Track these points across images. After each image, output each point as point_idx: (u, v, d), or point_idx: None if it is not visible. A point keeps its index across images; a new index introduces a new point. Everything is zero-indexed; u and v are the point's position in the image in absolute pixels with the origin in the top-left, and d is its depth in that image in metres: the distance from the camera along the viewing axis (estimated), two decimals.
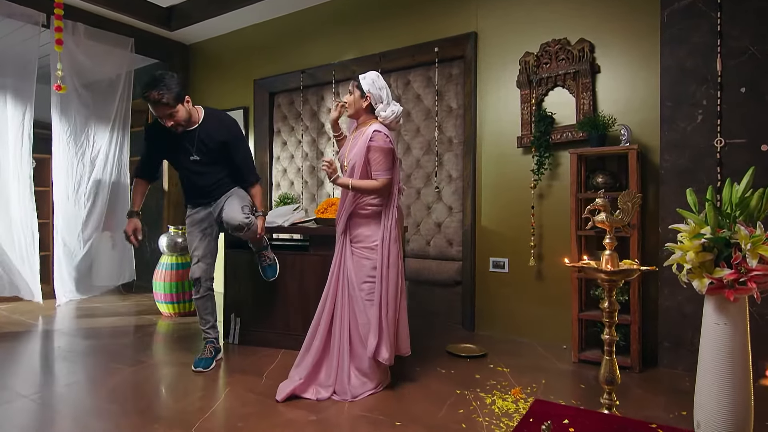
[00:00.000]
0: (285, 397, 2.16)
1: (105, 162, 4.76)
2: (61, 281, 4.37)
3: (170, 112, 2.38)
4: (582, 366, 2.70)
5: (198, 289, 2.68)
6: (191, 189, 2.72)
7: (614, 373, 1.43)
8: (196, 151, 2.55)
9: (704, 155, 2.56)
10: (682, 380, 2.49)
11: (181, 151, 2.58)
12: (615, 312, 1.44)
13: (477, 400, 2.19)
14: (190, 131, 2.56)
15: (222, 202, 2.68)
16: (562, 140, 3.03)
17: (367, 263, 2.34)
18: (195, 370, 2.52)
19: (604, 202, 1.45)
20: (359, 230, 2.38)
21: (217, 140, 2.58)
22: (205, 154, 2.58)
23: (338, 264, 2.40)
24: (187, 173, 2.66)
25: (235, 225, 2.55)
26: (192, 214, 2.75)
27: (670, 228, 1.87)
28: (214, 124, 2.61)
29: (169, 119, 2.41)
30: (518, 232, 3.24)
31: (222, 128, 2.62)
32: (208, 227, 2.73)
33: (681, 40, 2.62)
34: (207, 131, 2.57)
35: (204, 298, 2.70)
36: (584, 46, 2.96)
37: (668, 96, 2.66)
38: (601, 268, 1.39)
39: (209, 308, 2.72)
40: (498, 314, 3.35)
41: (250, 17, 4.48)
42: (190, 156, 2.56)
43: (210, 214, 2.73)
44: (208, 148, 2.58)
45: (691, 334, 2.58)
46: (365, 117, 2.45)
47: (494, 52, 3.35)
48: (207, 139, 2.57)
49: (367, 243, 2.35)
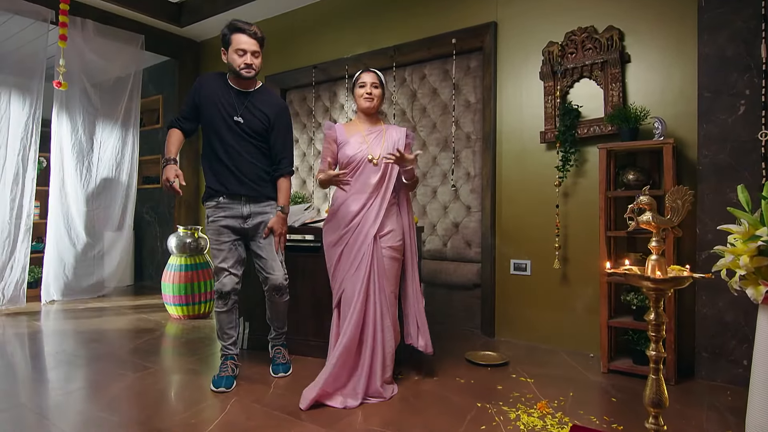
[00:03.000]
0: (309, 405, 2.06)
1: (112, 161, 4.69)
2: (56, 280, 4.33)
3: (257, 51, 2.37)
4: (612, 377, 2.52)
5: (226, 302, 2.42)
6: (220, 167, 2.39)
7: (662, 395, 1.26)
8: (242, 113, 2.39)
9: (747, 150, 2.36)
10: (722, 394, 2.29)
11: (226, 109, 2.38)
12: (663, 325, 1.26)
13: (500, 415, 2.03)
14: (243, 93, 2.43)
15: (257, 217, 2.42)
16: (589, 135, 2.84)
17: (397, 265, 2.39)
18: (216, 391, 2.28)
19: (649, 200, 1.27)
20: (388, 229, 2.38)
21: (266, 112, 2.43)
22: (250, 121, 2.40)
23: (371, 268, 2.29)
24: (222, 142, 2.39)
25: (276, 285, 2.44)
26: (216, 219, 2.40)
27: (719, 229, 1.69)
28: (268, 96, 2.50)
29: (253, 58, 2.35)
30: (542, 232, 3.05)
31: (274, 103, 2.48)
32: (237, 239, 2.44)
33: (721, 24, 2.42)
34: (260, 99, 2.45)
35: (230, 311, 2.46)
36: (613, 34, 2.77)
37: (707, 86, 2.46)
38: (648, 276, 1.21)
39: (233, 322, 2.48)
40: (520, 319, 3.17)
41: (261, 12, 4.37)
42: (235, 116, 2.38)
43: (239, 223, 2.41)
44: (254, 116, 2.41)
45: (733, 345, 2.38)
46: (377, 115, 2.55)
47: (515, 43, 3.17)
48: (257, 106, 2.42)
49: (393, 242, 2.37)
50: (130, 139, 4.80)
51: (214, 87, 2.41)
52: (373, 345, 2.23)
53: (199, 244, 3.86)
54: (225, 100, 2.39)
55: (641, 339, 2.51)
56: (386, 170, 2.40)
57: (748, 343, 2.34)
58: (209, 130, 2.42)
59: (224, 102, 2.39)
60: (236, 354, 2.49)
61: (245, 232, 2.44)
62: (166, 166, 2.32)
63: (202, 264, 3.85)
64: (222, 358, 2.46)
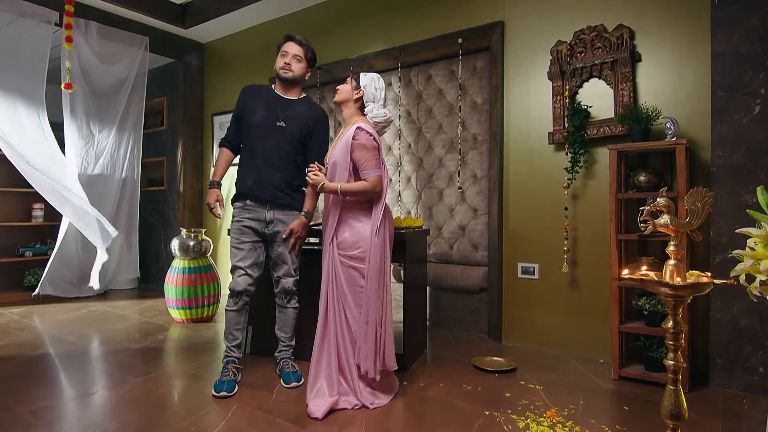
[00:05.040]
0: (325, 413, 2.01)
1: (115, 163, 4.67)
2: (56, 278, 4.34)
3: (299, 56, 2.47)
4: (623, 383, 2.45)
5: (237, 302, 2.43)
6: (253, 172, 2.43)
7: (681, 407, 1.19)
8: (284, 118, 2.45)
9: (763, 150, 2.29)
10: (737, 402, 2.22)
11: (270, 114, 2.45)
12: (681, 333, 1.20)
13: (508, 424, 1.97)
14: (285, 99, 2.50)
15: (278, 225, 2.44)
16: (598, 135, 2.78)
17: (355, 273, 2.19)
18: (217, 395, 2.24)
19: (667, 203, 1.21)
20: (344, 236, 2.22)
21: (305, 119, 2.48)
22: (292, 127, 2.45)
23: (329, 274, 2.23)
24: (261, 146, 2.43)
25: (287, 288, 2.50)
26: (240, 220, 2.45)
27: (737, 232, 1.62)
28: (310, 105, 2.57)
29: (293, 60, 2.45)
30: (550, 235, 2.99)
31: (314, 112, 2.54)
32: (258, 241, 2.47)
33: (735, 22, 2.35)
34: (303, 107, 2.52)
35: (240, 312, 2.45)
36: (623, 33, 2.71)
37: (720, 85, 2.40)
38: (667, 282, 1.15)
39: (241, 323, 2.46)
40: (527, 324, 3.10)
41: (265, 13, 4.33)
42: (277, 121, 2.44)
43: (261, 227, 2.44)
44: (295, 122, 2.46)
45: (749, 351, 2.31)
46: (351, 112, 2.33)
47: (523, 42, 3.12)
48: (297, 113, 2.48)
49: (354, 251, 2.19)
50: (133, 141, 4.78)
51: (258, 94, 2.53)
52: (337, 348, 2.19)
53: (202, 246, 3.82)
54: (269, 105, 2.48)
55: (653, 345, 2.44)
56: (332, 174, 2.27)
57: (764, 349, 2.27)
58: (250, 134, 2.48)
59: (269, 107, 2.47)
60: (238, 358, 2.46)
61: (266, 237, 2.48)
62: (210, 189, 2.53)
63: (206, 267, 3.81)
64: (224, 362, 2.43)
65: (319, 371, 2.17)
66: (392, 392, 2.25)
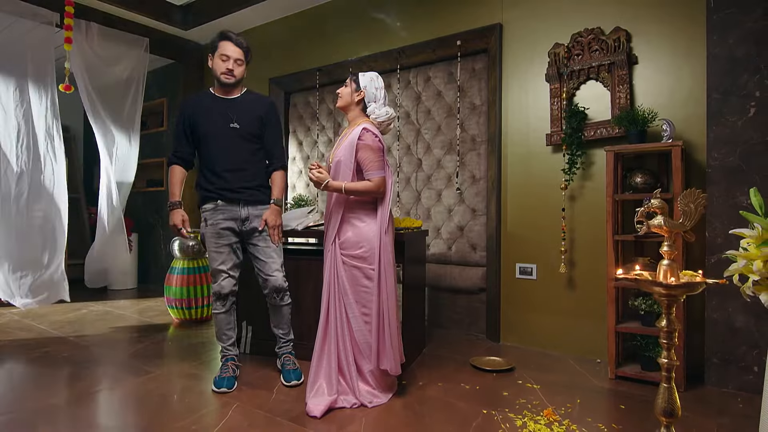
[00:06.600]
0: (323, 412, 2.03)
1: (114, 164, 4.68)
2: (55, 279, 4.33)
3: (240, 60, 2.41)
4: (619, 383, 2.47)
5: (224, 304, 2.45)
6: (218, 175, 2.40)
7: (674, 404, 1.22)
8: (236, 119, 2.42)
9: (757, 152, 2.32)
10: (733, 401, 2.24)
11: (220, 120, 2.42)
12: (675, 332, 1.22)
13: (506, 422, 1.99)
14: (230, 100, 2.46)
15: (254, 220, 2.42)
16: (595, 137, 2.80)
17: (358, 273, 2.21)
18: (218, 391, 2.29)
19: (661, 204, 1.24)
20: (347, 236, 2.23)
21: (255, 113, 2.46)
22: (245, 124, 2.43)
23: (331, 274, 2.24)
24: (220, 150, 2.41)
25: (276, 286, 2.43)
26: (216, 222, 2.41)
27: (731, 233, 1.65)
28: (254, 97, 2.54)
29: (235, 65, 2.40)
30: (548, 236, 3.02)
31: (262, 104, 2.52)
32: (236, 242, 2.47)
33: (731, 25, 2.38)
34: (247, 102, 2.49)
35: (228, 312, 2.48)
36: (620, 35, 2.74)
37: (716, 87, 2.43)
38: (660, 281, 1.18)
39: (232, 323, 2.51)
40: (525, 324, 3.12)
41: (264, 15, 4.35)
42: (230, 123, 2.41)
43: (237, 225, 2.42)
44: (247, 119, 2.44)
45: (744, 351, 2.33)
46: (356, 114, 2.34)
47: (521, 44, 3.14)
48: (246, 110, 2.46)
49: (357, 251, 2.20)
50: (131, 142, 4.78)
51: (200, 103, 2.45)
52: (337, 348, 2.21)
53: (201, 247, 3.84)
54: (216, 111, 2.43)
55: (649, 345, 2.46)
56: (335, 173, 2.28)
57: (759, 348, 2.29)
58: (206, 142, 2.44)
59: (216, 113, 2.42)
60: (236, 355, 2.51)
61: (242, 235, 2.46)
62: (171, 211, 2.44)
63: (205, 267, 3.83)
64: (222, 360, 2.47)
65: (320, 371, 2.20)
66: (391, 391, 2.26)
